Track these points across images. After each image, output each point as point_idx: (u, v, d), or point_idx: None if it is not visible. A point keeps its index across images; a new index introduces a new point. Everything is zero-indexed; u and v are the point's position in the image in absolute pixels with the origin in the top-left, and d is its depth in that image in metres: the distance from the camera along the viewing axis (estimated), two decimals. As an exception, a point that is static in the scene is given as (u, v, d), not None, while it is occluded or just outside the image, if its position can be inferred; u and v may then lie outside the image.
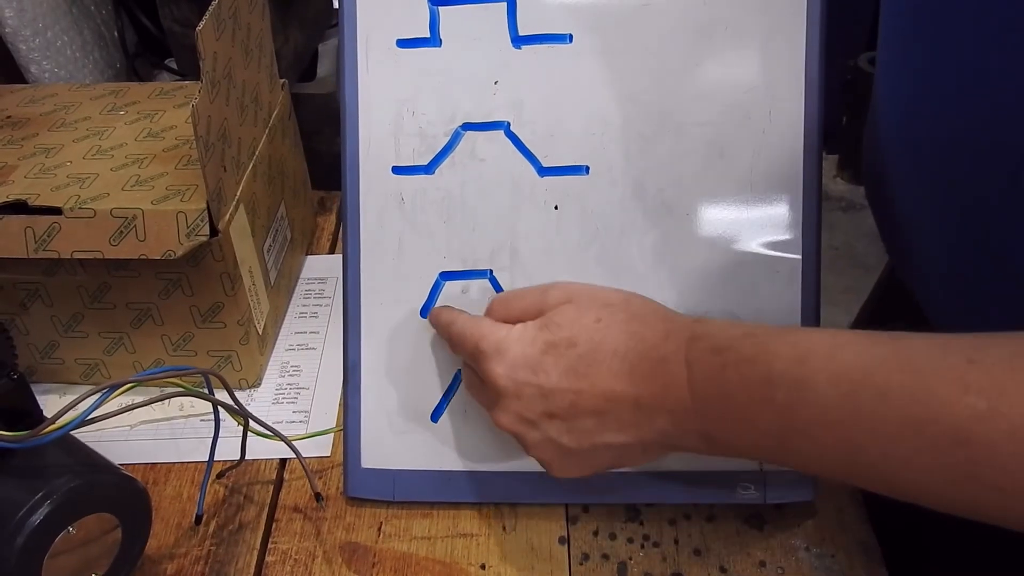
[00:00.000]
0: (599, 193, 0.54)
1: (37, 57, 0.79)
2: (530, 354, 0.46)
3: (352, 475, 0.57)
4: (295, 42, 0.82)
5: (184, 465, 0.60)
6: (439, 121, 0.55)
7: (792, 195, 0.53)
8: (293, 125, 0.75)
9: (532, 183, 0.55)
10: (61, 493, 0.43)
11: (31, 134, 0.65)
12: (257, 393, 0.66)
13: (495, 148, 0.55)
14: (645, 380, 0.43)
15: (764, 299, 0.54)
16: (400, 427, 0.57)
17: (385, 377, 0.57)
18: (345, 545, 0.55)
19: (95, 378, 0.65)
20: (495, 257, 0.55)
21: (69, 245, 0.56)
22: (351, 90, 0.55)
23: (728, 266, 0.54)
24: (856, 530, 0.55)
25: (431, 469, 0.57)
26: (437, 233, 0.55)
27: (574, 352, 0.45)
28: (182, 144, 0.63)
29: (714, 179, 0.54)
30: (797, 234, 0.53)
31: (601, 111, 0.54)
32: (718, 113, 0.53)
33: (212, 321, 0.61)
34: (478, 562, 0.54)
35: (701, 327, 0.44)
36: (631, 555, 0.54)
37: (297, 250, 0.76)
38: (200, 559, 0.54)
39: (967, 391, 0.33)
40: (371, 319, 0.56)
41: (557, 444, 0.46)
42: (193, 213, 0.55)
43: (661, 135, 0.54)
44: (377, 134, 0.55)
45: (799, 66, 0.52)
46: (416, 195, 0.55)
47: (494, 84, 0.54)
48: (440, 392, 0.57)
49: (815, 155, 0.53)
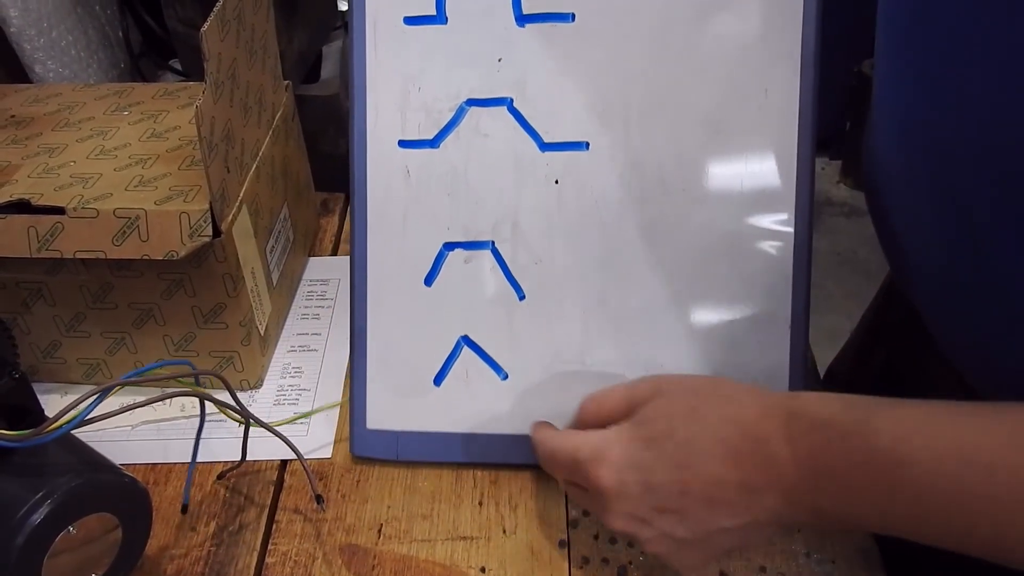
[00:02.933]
0: (598, 168, 0.56)
1: (42, 57, 0.80)
2: (631, 452, 0.46)
3: (358, 436, 0.60)
4: (299, 43, 0.82)
5: (185, 466, 0.60)
6: (444, 97, 0.56)
7: (786, 172, 0.55)
8: (297, 126, 0.75)
9: (534, 158, 0.56)
10: (62, 492, 0.43)
11: (35, 134, 0.65)
12: (258, 394, 0.66)
13: (498, 124, 0.56)
14: (749, 462, 0.43)
15: (757, 271, 0.56)
16: (404, 390, 0.59)
17: (390, 343, 0.59)
18: (345, 547, 0.55)
19: (97, 378, 0.65)
20: (497, 229, 0.57)
21: (72, 245, 0.56)
22: (359, 66, 0.57)
23: (723, 239, 0.56)
24: (856, 536, 0.54)
25: (434, 431, 0.59)
26: (441, 205, 0.57)
27: (672, 443, 0.45)
28: (186, 145, 0.63)
29: (710, 156, 0.56)
30: (790, 209, 0.55)
31: (601, 89, 0.55)
32: (715, 91, 0.55)
33: (214, 322, 0.61)
34: (478, 565, 0.54)
35: (797, 403, 0.44)
36: (631, 559, 0.54)
37: (299, 251, 0.76)
38: (200, 560, 0.54)
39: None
40: (377, 287, 0.58)
41: (672, 537, 0.46)
42: (196, 214, 0.55)
43: (659, 112, 0.55)
44: (384, 109, 0.57)
45: (795, 46, 0.54)
46: (421, 168, 0.57)
47: (498, 61, 0.56)
48: (443, 357, 0.59)
49: (809, 133, 0.55)
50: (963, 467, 0.36)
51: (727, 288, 0.56)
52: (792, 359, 0.57)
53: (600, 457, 0.47)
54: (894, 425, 0.39)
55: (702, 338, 0.57)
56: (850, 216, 2.45)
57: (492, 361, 0.58)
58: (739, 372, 0.56)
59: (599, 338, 0.57)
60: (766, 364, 0.57)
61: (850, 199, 2.51)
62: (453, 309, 0.58)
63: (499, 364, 0.58)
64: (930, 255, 0.50)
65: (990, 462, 0.35)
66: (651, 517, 0.46)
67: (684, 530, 0.45)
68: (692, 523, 0.45)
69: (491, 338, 0.58)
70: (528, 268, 0.57)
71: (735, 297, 0.56)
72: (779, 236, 0.56)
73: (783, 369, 0.57)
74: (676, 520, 0.45)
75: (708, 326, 0.57)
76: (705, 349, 0.57)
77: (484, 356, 0.58)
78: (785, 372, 0.57)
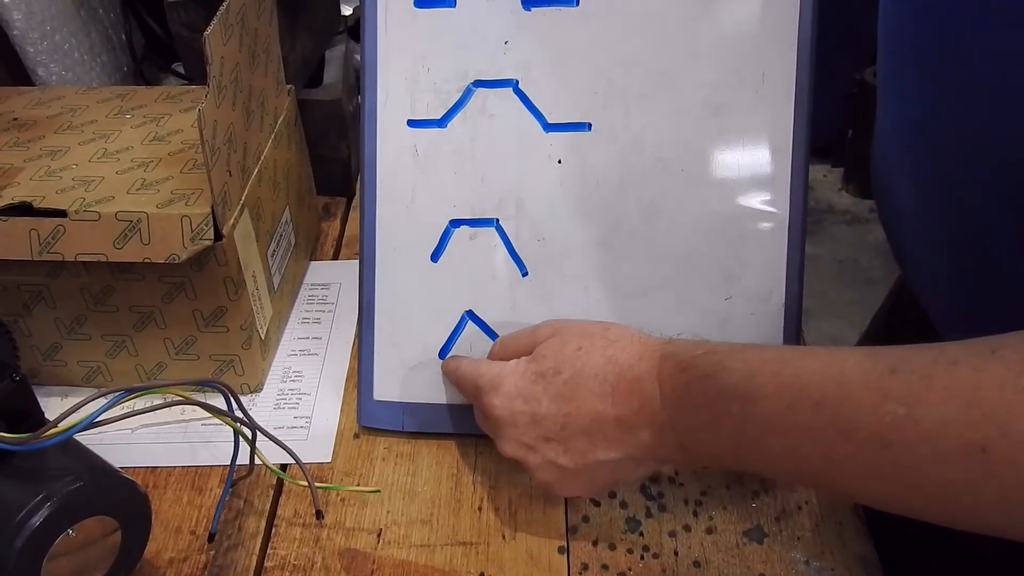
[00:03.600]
0: (600, 149, 0.58)
1: (44, 60, 0.80)
2: (521, 385, 0.50)
3: (365, 407, 0.62)
4: (302, 48, 0.82)
5: (185, 469, 0.60)
6: (452, 78, 0.58)
7: (782, 154, 0.57)
8: (299, 131, 0.75)
9: (538, 138, 0.58)
10: (61, 495, 0.43)
11: (37, 136, 0.65)
12: (259, 398, 0.66)
13: (504, 104, 0.58)
14: (624, 399, 0.47)
15: (753, 250, 0.58)
16: (410, 363, 0.61)
17: (397, 316, 0.61)
18: (344, 552, 0.55)
19: (97, 381, 0.65)
20: (502, 207, 0.59)
21: (73, 247, 0.56)
22: (371, 48, 0.58)
23: (720, 219, 0.58)
24: (856, 544, 0.54)
25: (439, 403, 0.61)
26: (448, 183, 0.59)
27: (560, 379, 0.49)
28: (188, 148, 0.63)
29: (709, 137, 0.57)
30: (785, 190, 0.57)
31: (604, 71, 0.57)
32: (714, 74, 0.56)
33: (215, 325, 0.61)
34: (477, 570, 0.54)
35: (670, 347, 0.47)
36: (630, 566, 0.54)
37: (301, 255, 0.76)
38: (199, 564, 0.54)
39: (887, 399, 0.36)
40: (385, 262, 0.60)
41: (556, 465, 0.50)
42: (198, 217, 0.55)
43: (660, 94, 0.57)
44: (394, 89, 0.59)
45: (792, 31, 0.55)
46: (429, 147, 0.59)
47: (504, 44, 0.58)
48: (448, 331, 0.61)
49: (805, 117, 0.56)
50: (796, 399, 0.39)
51: (723, 267, 0.58)
52: (786, 337, 0.58)
53: (495, 387, 0.52)
54: (744, 365, 0.42)
55: (698, 315, 0.59)
56: (852, 224, 2.45)
57: (495, 335, 0.60)
58: None
59: (598, 314, 0.59)
60: (760, 341, 0.58)
61: (852, 207, 2.51)
62: (458, 285, 0.60)
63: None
64: (936, 256, 0.50)
65: (818, 394, 0.38)
66: (537, 445, 0.50)
67: (567, 459, 0.49)
68: (574, 453, 0.49)
69: (495, 313, 0.60)
70: (531, 245, 0.59)
71: (731, 276, 0.58)
72: (774, 217, 0.57)
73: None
74: (560, 450, 0.49)
75: (704, 303, 0.59)
76: (701, 325, 0.59)
77: (488, 330, 0.60)
78: None
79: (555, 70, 0.57)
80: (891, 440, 0.35)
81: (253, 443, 0.55)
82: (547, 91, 0.58)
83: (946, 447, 0.34)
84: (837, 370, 0.38)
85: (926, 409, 0.34)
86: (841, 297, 2.18)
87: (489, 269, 0.60)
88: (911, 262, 0.56)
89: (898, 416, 0.35)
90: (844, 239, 2.40)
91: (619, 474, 0.49)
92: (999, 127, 0.41)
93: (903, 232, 0.55)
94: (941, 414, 0.34)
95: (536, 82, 0.58)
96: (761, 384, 0.41)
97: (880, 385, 0.36)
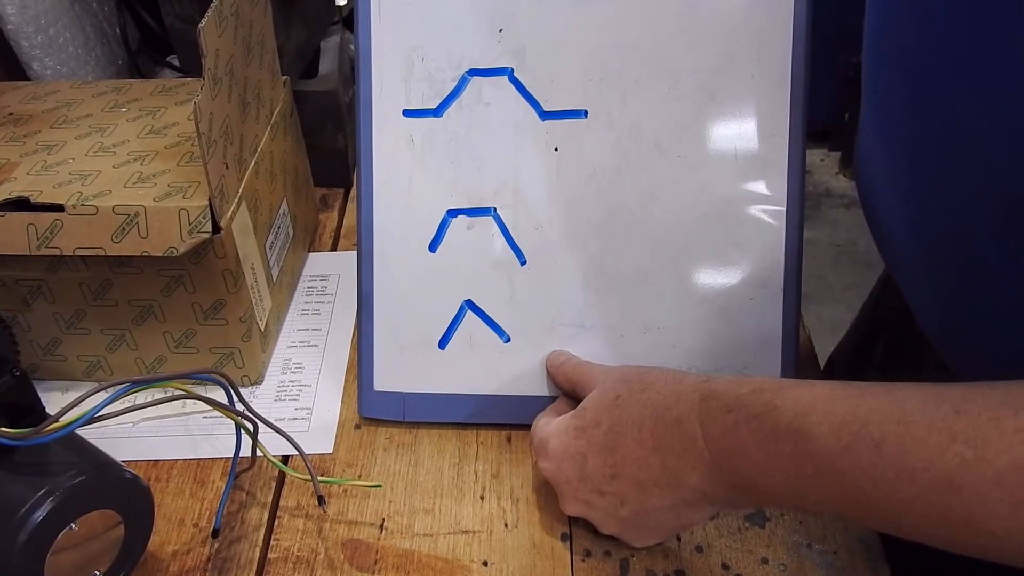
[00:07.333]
0: (597, 136, 0.58)
1: (39, 54, 0.79)
2: (566, 442, 0.51)
3: (365, 397, 0.62)
4: (297, 39, 0.82)
5: (187, 462, 0.60)
6: (447, 67, 0.58)
7: (779, 138, 0.57)
8: (295, 122, 0.75)
9: (534, 126, 0.58)
10: (64, 490, 0.43)
11: (33, 131, 0.65)
12: (259, 390, 0.66)
13: (499, 93, 0.58)
14: (665, 442, 0.46)
15: (751, 235, 0.58)
16: (410, 353, 0.61)
17: (396, 307, 0.61)
18: (347, 542, 0.55)
19: (97, 375, 0.65)
20: (499, 195, 0.59)
21: (71, 242, 0.56)
22: (364, 37, 0.58)
23: (718, 205, 0.58)
24: (858, 527, 0.55)
25: (439, 392, 0.61)
26: (444, 173, 0.59)
27: (600, 431, 0.49)
28: (184, 141, 0.63)
29: (705, 123, 0.57)
30: (783, 175, 0.57)
31: (599, 58, 0.57)
32: (709, 60, 0.56)
33: (214, 318, 0.61)
34: (480, 559, 0.54)
35: (709, 386, 0.46)
36: (633, 552, 0.54)
37: (299, 247, 0.76)
38: (203, 556, 0.54)
39: (955, 440, 0.34)
40: (383, 253, 0.60)
41: (617, 518, 0.50)
42: (195, 210, 0.55)
43: (655, 81, 0.57)
44: (389, 79, 0.59)
45: (788, 15, 0.56)
46: (425, 137, 0.59)
47: (499, 32, 0.57)
48: (448, 321, 0.61)
49: (801, 101, 0.56)
50: (856, 440, 0.37)
51: (722, 252, 0.58)
52: (784, 321, 0.58)
53: (544, 449, 0.52)
54: (795, 403, 0.41)
55: (697, 301, 0.59)
56: (850, 207, 2.45)
57: (495, 324, 0.60)
58: (733, 333, 0.59)
59: (598, 301, 0.59)
60: (759, 326, 0.58)
61: (850, 190, 2.51)
62: (457, 274, 0.60)
63: (501, 327, 0.60)
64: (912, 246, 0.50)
65: (879, 433, 0.37)
66: (592, 499, 0.50)
67: (625, 511, 0.49)
68: (630, 504, 0.48)
69: (493, 302, 0.60)
70: (529, 233, 0.59)
71: (729, 261, 0.58)
72: (772, 201, 0.57)
73: (776, 331, 0.59)
74: (617, 502, 0.49)
75: (703, 289, 0.59)
76: (700, 311, 0.59)
77: (487, 320, 0.60)
78: (778, 334, 0.59)
79: (550, 58, 0.57)
80: (959, 484, 0.34)
81: (255, 435, 0.55)
82: (543, 79, 0.58)
83: (1020, 492, 0.33)
84: (899, 409, 0.37)
85: (996, 452, 0.33)
86: (840, 281, 2.18)
87: (487, 258, 0.60)
88: (890, 249, 0.56)
89: (966, 459, 0.34)
90: (842, 223, 2.40)
91: (682, 519, 0.49)
92: (974, 121, 0.41)
93: (882, 221, 0.55)
94: (1013, 459, 0.33)
95: (531, 70, 0.58)
96: (815, 423, 0.39)
97: (947, 426, 0.35)
